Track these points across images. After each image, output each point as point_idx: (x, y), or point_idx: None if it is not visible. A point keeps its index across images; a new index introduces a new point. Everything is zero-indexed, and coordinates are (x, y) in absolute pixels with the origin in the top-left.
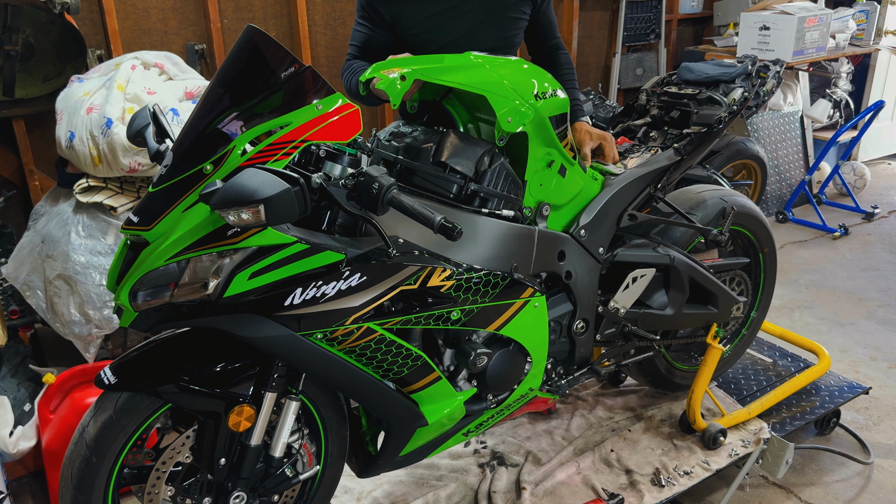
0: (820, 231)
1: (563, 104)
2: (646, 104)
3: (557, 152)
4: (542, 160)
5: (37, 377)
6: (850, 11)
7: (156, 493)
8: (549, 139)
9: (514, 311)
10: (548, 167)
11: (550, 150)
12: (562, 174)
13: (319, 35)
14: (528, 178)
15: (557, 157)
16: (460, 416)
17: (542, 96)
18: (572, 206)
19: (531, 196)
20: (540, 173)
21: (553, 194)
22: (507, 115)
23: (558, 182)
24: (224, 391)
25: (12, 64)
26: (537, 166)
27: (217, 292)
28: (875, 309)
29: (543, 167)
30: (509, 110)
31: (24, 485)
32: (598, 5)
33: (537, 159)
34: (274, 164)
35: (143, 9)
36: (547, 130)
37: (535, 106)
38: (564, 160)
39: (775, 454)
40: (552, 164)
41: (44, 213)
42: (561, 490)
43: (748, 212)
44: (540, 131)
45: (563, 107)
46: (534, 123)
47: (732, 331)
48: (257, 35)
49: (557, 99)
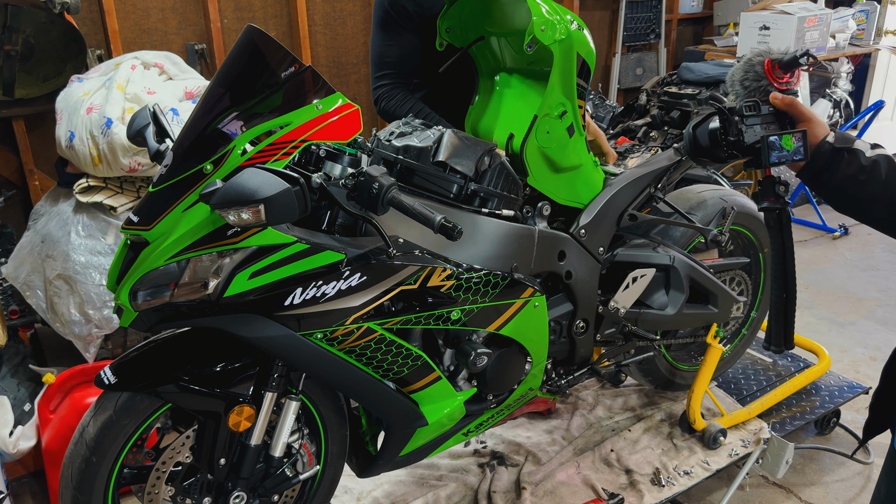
0: (820, 231)
1: (591, 54)
2: (646, 104)
3: (571, 108)
4: (557, 107)
5: (37, 377)
6: (850, 11)
7: (156, 493)
8: (570, 86)
9: (514, 311)
10: (559, 118)
11: (567, 100)
12: (569, 133)
13: (319, 35)
14: (538, 112)
15: (570, 112)
16: (460, 416)
17: (579, 30)
18: (567, 179)
19: (535, 140)
20: (551, 119)
21: (556, 149)
22: (541, 24)
23: (564, 139)
24: (224, 391)
25: (12, 64)
26: (551, 110)
27: (217, 292)
28: (875, 309)
29: (556, 115)
30: (545, 21)
31: (24, 485)
32: (598, 5)
33: (553, 102)
34: (274, 164)
35: (143, 9)
36: (571, 70)
37: (570, 30)
38: (576, 121)
39: (775, 454)
40: (564, 116)
41: (44, 212)
42: (561, 490)
43: (748, 212)
44: (565, 64)
45: (590, 56)
46: (563, 48)
47: (732, 331)
48: (257, 35)
49: (588, 43)
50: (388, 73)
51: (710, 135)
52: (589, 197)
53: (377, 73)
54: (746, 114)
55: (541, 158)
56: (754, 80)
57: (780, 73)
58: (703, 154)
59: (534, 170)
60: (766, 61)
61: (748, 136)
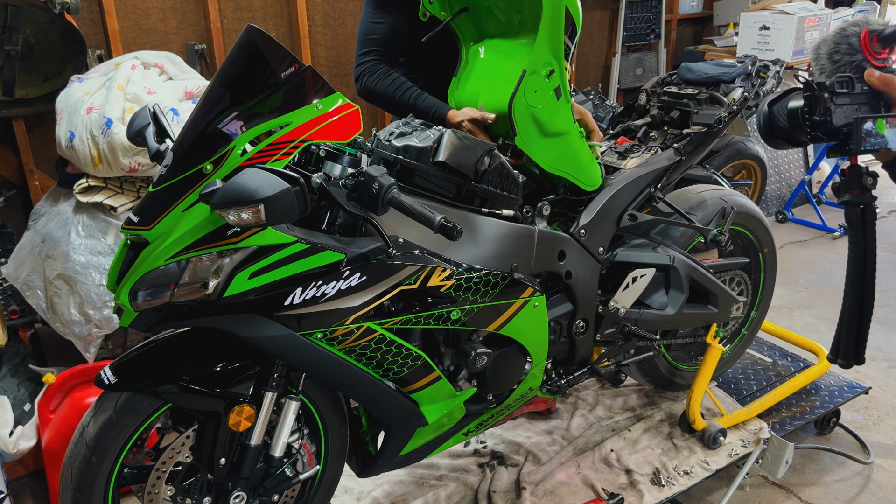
0: (820, 231)
1: (578, 11)
2: (646, 104)
3: (559, 69)
4: (545, 66)
5: (37, 377)
6: (850, 11)
7: (156, 493)
8: (558, 44)
9: (514, 310)
10: (547, 77)
11: (554, 60)
12: (557, 95)
13: (319, 35)
14: (527, 68)
15: (558, 73)
16: (460, 415)
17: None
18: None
19: (523, 97)
20: (539, 78)
21: (543, 110)
22: None
23: (552, 101)
24: (224, 391)
25: (12, 64)
26: (538, 67)
27: (217, 292)
28: (875, 309)
29: (544, 74)
30: None
31: (24, 485)
32: (598, 5)
33: (541, 59)
34: (274, 164)
35: (143, 9)
36: (560, 26)
37: None
38: (563, 85)
39: (775, 454)
40: (552, 76)
41: (44, 213)
42: (561, 490)
43: (748, 212)
44: (554, 19)
45: (577, 15)
46: (553, 3)
47: (732, 331)
48: (257, 35)
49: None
50: (373, 51)
51: (791, 114)
52: (574, 169)
53: (361, 50)
54: (838, 91)
55: (528, 118)
56: (847, 54)
57: (878, 47)
58: (779, 135)
59: (521, 129)
60: (862, 33)
61: (836, 117)
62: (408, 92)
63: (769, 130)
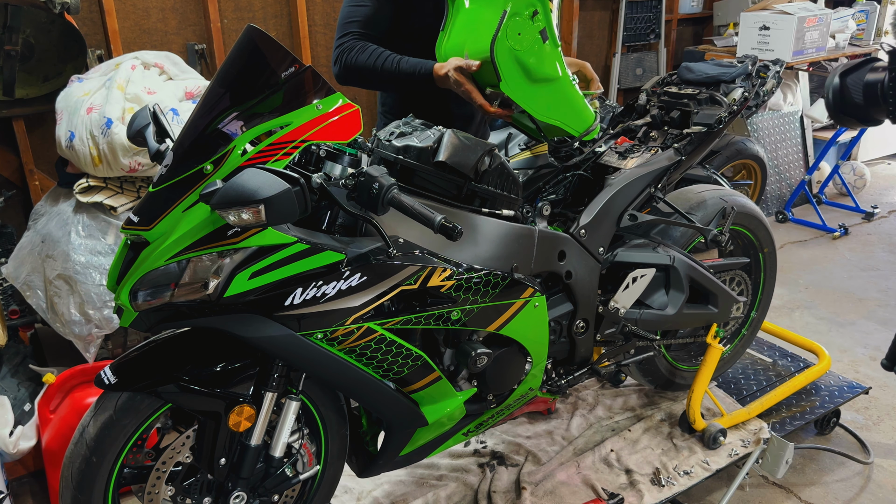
0: (820, 231)
1: None
2: (646, 104)
3: (542, 10)
4: (527, 6)
5: (37, 377)
6: (850, 11)
7: (156, 493)
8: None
9: (515, 311)
10: (531, 19)
11: (537, 0)
12: (543, 38)
13: (319, 35)
14: (507, 9)
15: (542, 15)
16: (460, 415)
17: None
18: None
19: (506, 40)
20: (522, 20)
21: (529, 54)
22: None
23: (538, 44)
24: (224, 391)
25: (12, 64)
26: (520, 9)
27: (217, 292)
28: (875, 309)
29: (527, 15)
30: None
31: (24, 485)
32: (598, 5)
33: None
34: (274, 164)
35: (143, 9)
36: None
37: None
38: (549, 27)
39: (775, 454)
40: (535, 18)
41: (44, 213)
42: (561, 490)
43: (748, 212)
44: None
45: None
46: None
47: (732, 331)
48: (257, 35)
49: None
50: (351, 32)
51: (868, 88)
52: (569, 117)
53: (340, 34)
54: None
55: (513, 63)
56: None
57: None
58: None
59: (506, 74)
60: None
61: None
62: (389, 59)
63: (839, 107)
